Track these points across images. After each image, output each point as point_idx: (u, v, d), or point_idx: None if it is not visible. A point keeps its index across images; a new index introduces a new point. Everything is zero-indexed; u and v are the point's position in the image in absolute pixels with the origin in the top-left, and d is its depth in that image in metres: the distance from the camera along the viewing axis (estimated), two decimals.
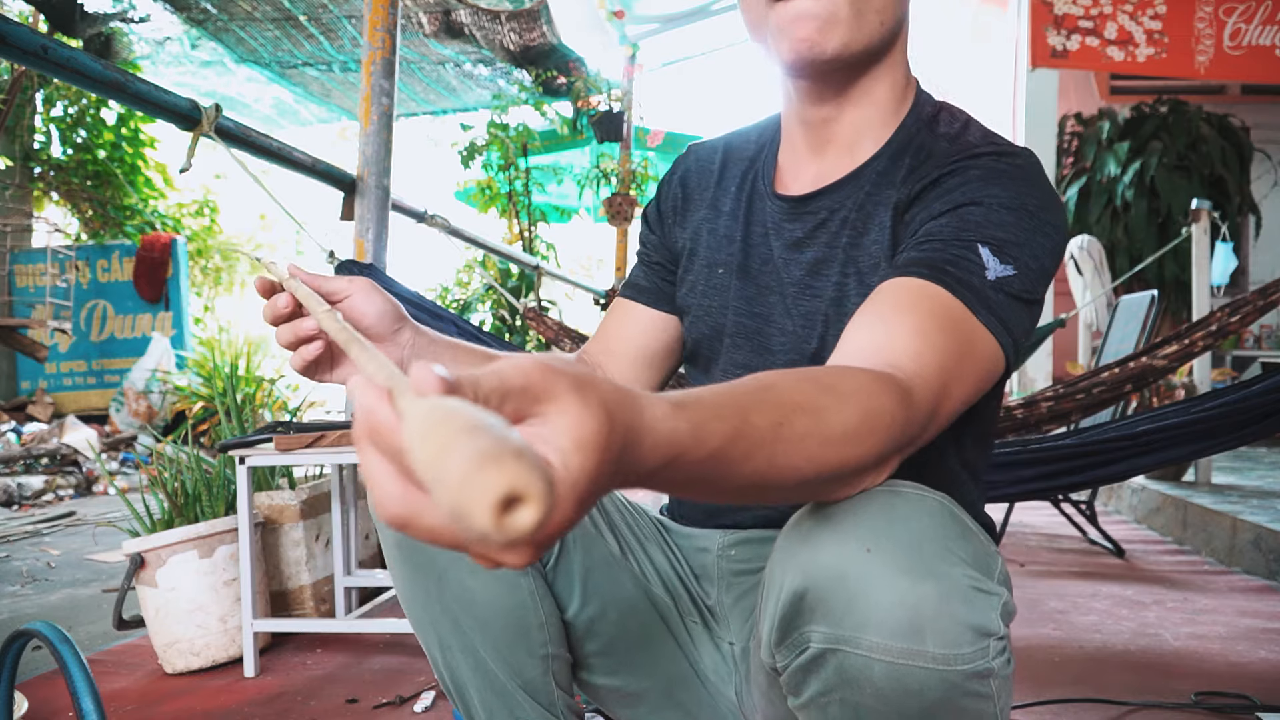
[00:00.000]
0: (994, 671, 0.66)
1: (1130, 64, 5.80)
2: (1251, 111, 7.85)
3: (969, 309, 0.74)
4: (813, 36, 0.84)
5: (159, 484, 2.08)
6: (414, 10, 5.22)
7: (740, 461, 0.54)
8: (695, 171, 1.08)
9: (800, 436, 0.57)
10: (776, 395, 0.58)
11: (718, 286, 1.00)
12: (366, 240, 2.67)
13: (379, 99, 2.69)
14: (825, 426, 0.58)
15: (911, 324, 0.72)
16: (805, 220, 0.94)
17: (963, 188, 0.82)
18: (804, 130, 0.96)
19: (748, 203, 1.00)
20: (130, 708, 1.80)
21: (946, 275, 0.75)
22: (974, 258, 0.76)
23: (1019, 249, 0.78)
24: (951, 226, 0.79)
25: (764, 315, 0.96)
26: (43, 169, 8.32)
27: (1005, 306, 0.76)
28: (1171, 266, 6.69)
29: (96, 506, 4.80)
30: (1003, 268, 0.77)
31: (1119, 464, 2.01)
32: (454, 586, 0.89)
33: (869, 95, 0.92)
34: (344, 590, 2.31)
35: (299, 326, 0.85)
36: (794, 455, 0.57)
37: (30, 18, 5.86)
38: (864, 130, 0.93)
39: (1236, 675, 1.90)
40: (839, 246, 0.92)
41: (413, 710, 1.75)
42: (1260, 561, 2.86)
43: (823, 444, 0.58)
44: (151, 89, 2.04)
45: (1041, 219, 0.81)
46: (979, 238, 0.78)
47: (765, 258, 0.97)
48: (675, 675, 1.00)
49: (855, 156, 0.93)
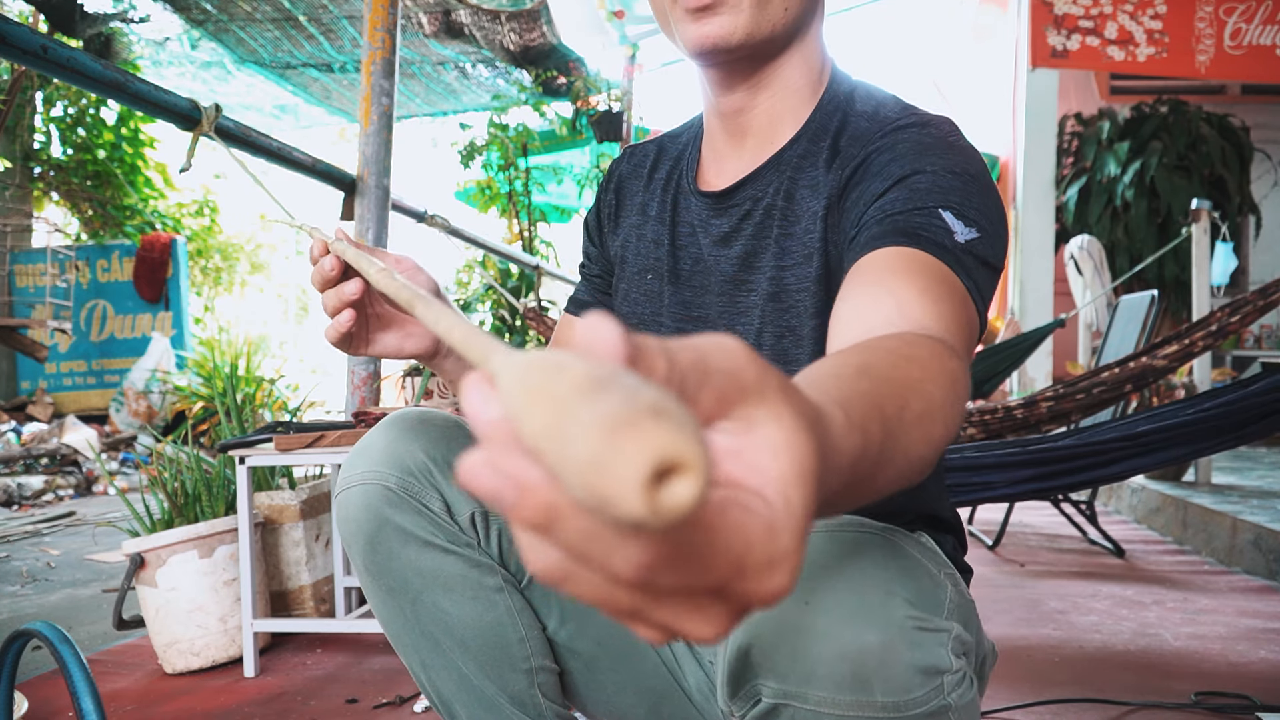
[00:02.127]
0: (950, 706, 0.65)
1: (1130, 64, 5.80)
2: (1251, 111, 7.86)
3: (951, 271, 0.71)
4: (715, 29, 0.83)
5: (159, 484, 2.08)
6: (414, 10, 5.22)
7: (887, 463, 0.47)
8: (629, 176, 1.06)
9: (918, 418, 0.51)
10: (888, 379, 0.51)
11: (649, 293, 0.99)
12: (366, 240, 2.67)
13: (379, 99, 2.69)
14: (930, 402, 0.53)
15: (916, 287, 0.68)
16: (730, 214, 0.93)
17: (897, 161, 0.80)
18: (721, 122, 0.94)
19: (673, 203, 0.99)
20: (130, 708, 1.80)
21: (922, 239, 0.72)
22: (939, 222, 0.74)
23: (977, 212, 0.76)
24: (903, 198, 0.76)
25: (701, 318, 0.95)
26: (43, 169, 8.32)
27: (976, 270, 0.74)
28: (1171, 266, 6.69)
29: (96, 506, 4.80)
30: (967, 230, 0.74)
31: (1119, 464, 2.00)
32: (429, 609, 0.90)
33: (782, 80, 0.90)
34: (344, 590, 2.31)
35: (343, 291, 0.83)
36: (917, 441, 0.51)
37: (30, 18, 5.86)
38: (780, 116, 0.91)
39: (1236, 675, 1.90)
40: (769, 237, 0.90)
41: (412, 710, 1.75)
42: (1260, 561, 2.86)
43: (934, 421, 0.53)
44: (151, 89, 2.04)
45: (984, 182, 0.79)
46: (937, 203, 0.75)
47: (695, 257, 0.95)
48: (660, 691, 0.99)
49: (774, 142, 0.92)
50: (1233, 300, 2.41)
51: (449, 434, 0.93)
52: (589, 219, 1.10)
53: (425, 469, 0.90)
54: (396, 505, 0.89)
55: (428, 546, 0.90)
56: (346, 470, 0.92)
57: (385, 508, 0.89)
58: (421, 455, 0.90)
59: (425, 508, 0.90)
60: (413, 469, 0.90)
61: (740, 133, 0.93)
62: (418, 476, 0.90)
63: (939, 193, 0.76)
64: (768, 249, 0.90)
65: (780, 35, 0.86)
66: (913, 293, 0.68)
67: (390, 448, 0.90)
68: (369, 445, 0.91)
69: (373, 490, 0.89)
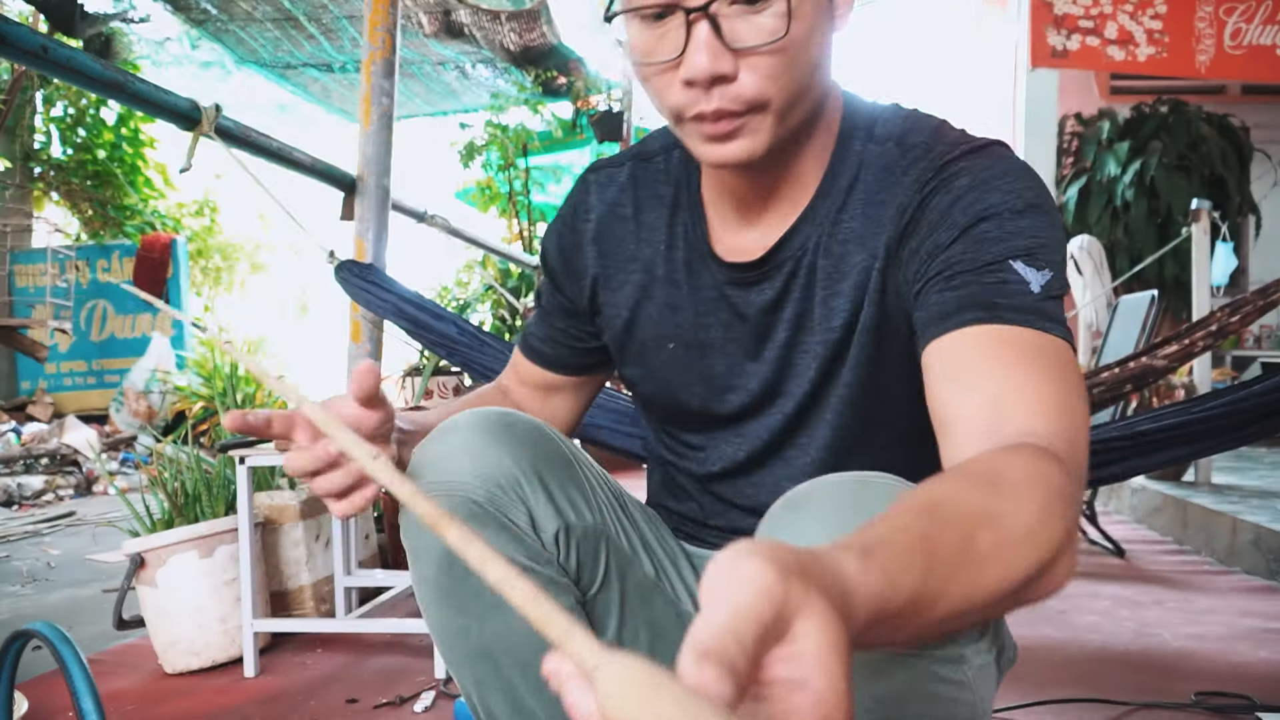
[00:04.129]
0: (965, 658, 0.66)
1: (1130, 64, 5.80)
2: (1251, 111, 7.85)
3: (1039, 332, 0.70)
4: (725, 147, 0.78)
5: (159, 484, 2.08)
6: (414, 10, 5.22)
7: (934, 600, 0.49)
8: (607, 218, 0.97)
9: (989, 550, 0.52)
10: (952, 513, 0.52)
11: (669, 363, 0.94)
12: (366, 240, 2.67)
13: (379, 99, 2.69)
14: (1008, 533, 0.53)
15: (1013, 378, 0.67)
16: (770, 280, 0.88)
17: (959, 205, 0.77)
18: (735, 200, 0.89)
19: (685, 265, 0.92)
20: (130, 708, 1.80)
21: (1000, 309, 0.71)
22: (1013, 278, 0.72)
23: (1045, 249, 0.74)
24: (971, 253, 0.75)
25: (739, 386, 0.91)
26: (43, 169, 8.32)
27: (1056, 309, 0.73)
28: (1171, 266, 6.68)
29: (96, 506, 4.80)
30: (1041, 275, 0.73)
31: (1119, 464, 2.00)
32: (495, 628, 0.85)
33: (805, 148, 0.86)
34: (344, 590, 2.31)
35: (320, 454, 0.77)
36: (985, 575, 0.52)
37: (30, 18, 5.86)
38: (803, 170, 0.86)
39: (1236, 675, 1.90)
40: (813, 299, 0.86)
41: (413, 710, 1.74)
42: (1260, 561, 2.86)
43: (1011, 553, 0.53)
44: (151, 89, 2.04)
45: (1045, 208, 0.77)
46: (1007, 254, 0.73)
47: (725, 324, 0.91)
48: None
49: (798, 197, 0.87)
50: (1233, 300, 2.40)
51: (535, 439, 0.87)
52: (550, 253, 1.02)
53: (514, 480, 0.84)
54: (481, 521, 0.83)
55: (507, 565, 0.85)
56: (425, 473, 0.84)
57: (469, 524, 0.85)
58: (510, 464, 0.84)
59: (511, 522, 0.84)
60: (500, 481, 0.83)
61: (761, 203, 0.88)
62: (505, 489, 0.84)
63: (1008, 239, 0.74)
64: (813, 309, 0.86)
65: (807, 122, 0.82)
66: (1009, 387, 0.67)
67: (477, 455, 0.83)
68: (451, 450, 0.84)
69: (457, 502, 0.82)
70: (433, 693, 1.81)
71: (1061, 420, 0.65)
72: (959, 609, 0.50)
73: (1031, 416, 0.65)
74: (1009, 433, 0.64)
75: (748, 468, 0.94)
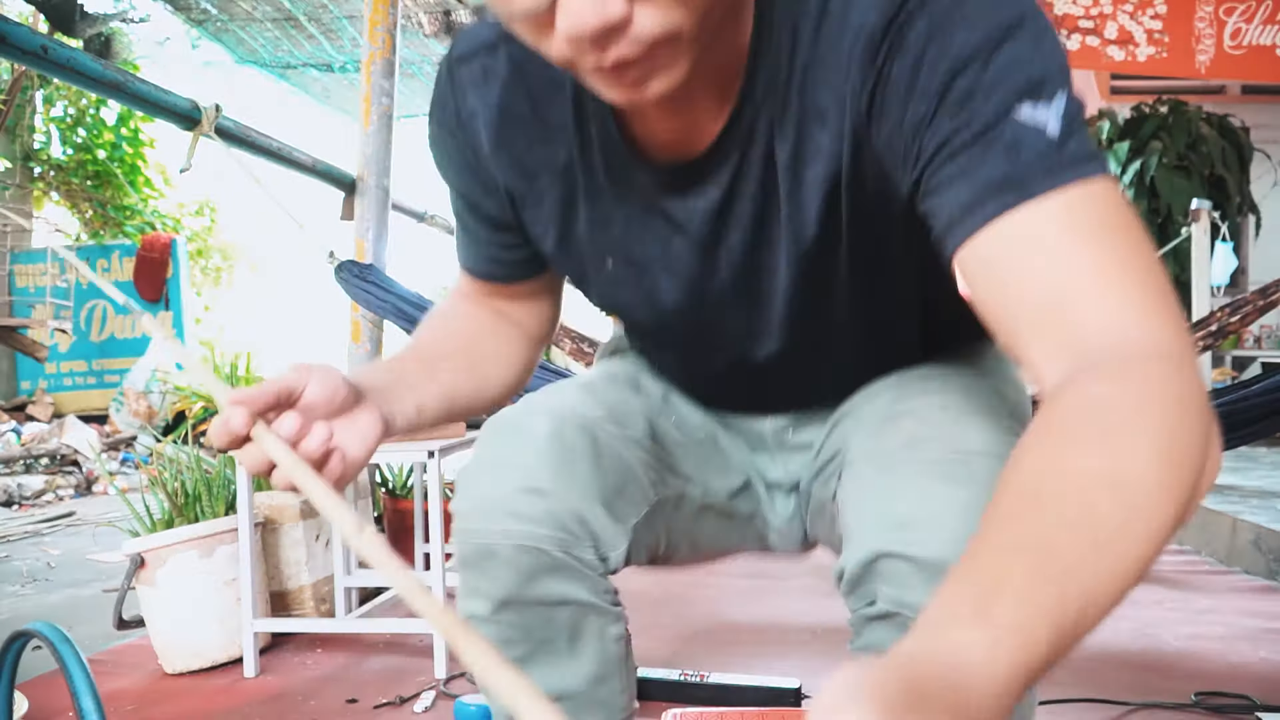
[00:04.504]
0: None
1: (1130, 64, 5.80)
2: (1251, 111, 7.85)
3: (1075, 184, 0.57)
4: (636, 93, 0.61)
5: (159, 484, 2.08)
6: (414, 10, 5.22)
7: (1075, 622, 0.43)
8: (500, 124, 0.78)
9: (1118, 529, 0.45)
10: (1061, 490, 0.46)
11: (611, 279, 0.82)
12: (366, 240, 2.67)
13: (379, 99, 2.69)
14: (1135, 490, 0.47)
15: (1071, 265, 0.56)
16: (718, 176, 0.72)
17: (924, 66, 0.61)
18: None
19: (606, 171, 0.76)
20: (130, 708, 1.80)
21: (1025, 181, 0.58)
22: (1024, 132, 0.58)
23: (1046, 72, 0.60)
24: (962, 122, 0.60)
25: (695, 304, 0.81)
26: (43, 169, 8.32)
27: (1081, 142, 0.59)
28: (1171, 266, 6.68)
29: (96, 506, 4.79)
30: (1053, 107, 0.59)
31: None
32: (544, 657, 0.81)
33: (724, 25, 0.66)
34: (344, 590, 2.31)
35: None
36: (1124, 554, 0.46)
37: (30, 18, 5.87)
38: (723, 66, 0.69)
39: (1236, 675, 1.90)
40: (776, 193, 0.72)
41: (413, 710, 1.74)
42: (1260, 561, 2.86)
43: (1148, 512, 0.47)
44: (151, 89, 2.04)
45: (1025, 22, 0.61)
46: (1005, 105, 0.59)
47: (664, 239, 0.77)
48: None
49: (728, 75, 0.69)
50: (1233, 300, 2.40)
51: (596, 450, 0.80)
52: (449, 173, 0.85)
53: (580, 517, 0.77)
54: (550, 570, 0.77)
55: (567, 603, 0.79)
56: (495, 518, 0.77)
57: (540, 574, 0.77)
58: (576, 500, 0.77)
59: (579, 561, 0.78)
60: (567, 523, 0.77)
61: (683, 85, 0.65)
62: (573, 531, 0.77)
63: (998, 88, 0.59)
64: (777, 204, 0.72)
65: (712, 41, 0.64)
66: (1070, 279, 0.56)
67: (548, 495, 0.77)
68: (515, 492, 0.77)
69: (527, 554, 0.76)
70: (433, 693, 1.81)
71: (1136, 292, 0.55)
72: (1107, 604, 0.45)
73: (1107, 309, 0.55)
74: (1091, 340, 0.54)
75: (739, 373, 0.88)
